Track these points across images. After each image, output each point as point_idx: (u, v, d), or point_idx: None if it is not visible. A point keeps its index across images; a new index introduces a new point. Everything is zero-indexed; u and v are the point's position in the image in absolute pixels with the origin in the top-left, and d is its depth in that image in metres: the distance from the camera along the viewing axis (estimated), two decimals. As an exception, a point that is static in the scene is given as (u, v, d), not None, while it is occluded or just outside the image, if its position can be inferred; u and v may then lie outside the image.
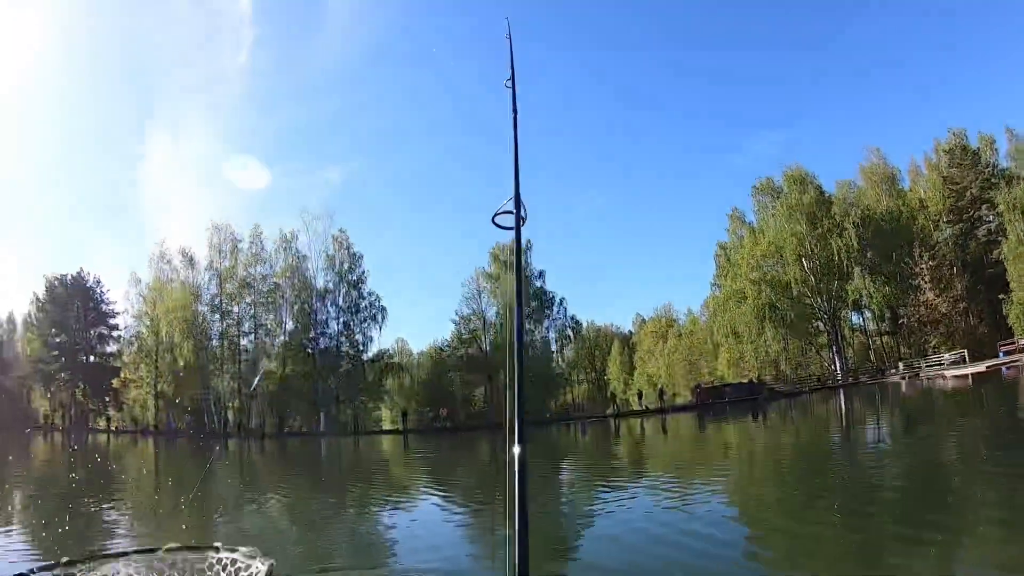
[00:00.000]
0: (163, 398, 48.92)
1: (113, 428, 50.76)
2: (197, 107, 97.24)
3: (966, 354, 34.77)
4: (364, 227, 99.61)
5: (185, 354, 47.79)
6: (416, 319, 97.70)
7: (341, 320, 47.14)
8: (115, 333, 54.24)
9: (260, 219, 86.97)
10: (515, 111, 2.13)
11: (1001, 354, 33.71)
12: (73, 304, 54.58)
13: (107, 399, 52.95)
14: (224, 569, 1.36)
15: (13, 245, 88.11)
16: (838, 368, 46.99)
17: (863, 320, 53.30)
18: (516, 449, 1.48)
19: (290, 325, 47.54)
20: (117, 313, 54.29)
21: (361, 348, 46.79)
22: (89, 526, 10.03)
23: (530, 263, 49.62)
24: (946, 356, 36.30)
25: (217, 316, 48.94)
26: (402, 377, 48.70)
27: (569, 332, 49.75)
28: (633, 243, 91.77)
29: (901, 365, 41.16)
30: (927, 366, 37.29)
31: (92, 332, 54.33)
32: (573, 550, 7.38)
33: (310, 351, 46.54)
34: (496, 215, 1.82)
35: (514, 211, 1.73)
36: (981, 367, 30.33)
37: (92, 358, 54.06)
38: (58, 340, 54.65)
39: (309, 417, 46.08)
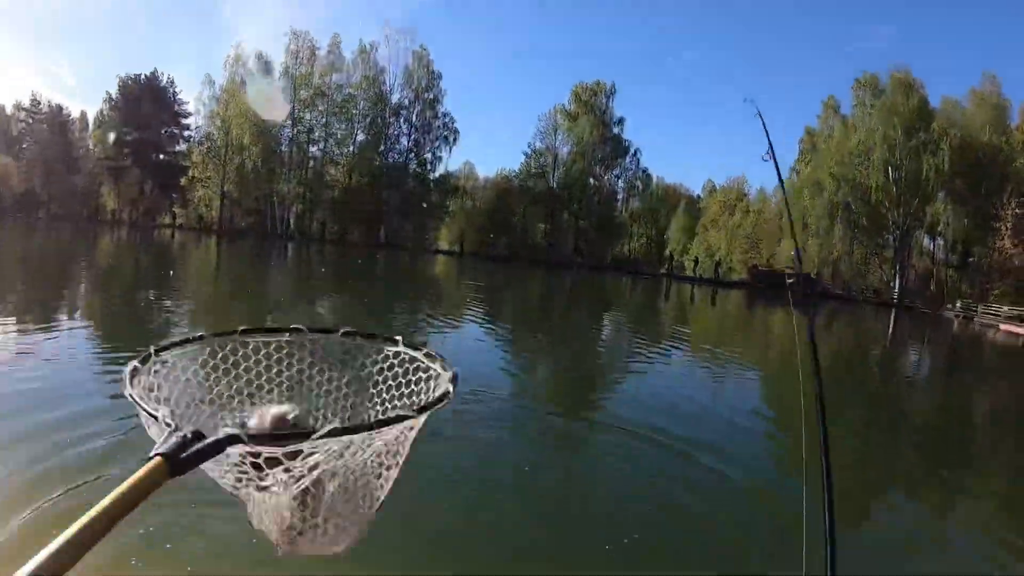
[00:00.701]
0: (228, 198, 49.67)
1: (178, 224, 52.03)
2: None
3: (1026, 313, 32.25)
4: (446, 45, 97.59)
5: (253, 157, 47.96)
6: (488, 144, 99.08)
7: (412, 137, 46.47)
8: (185, 133, 54.67)
9: (340, 29, 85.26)
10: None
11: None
12: (145, 104, 54.79)
13: (174, 197, 53.98)
14: (400, 365, 1.05)
15: (90, 45, 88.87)
16: (896, 287, 45.16)
17: (933, 246, 50.78)
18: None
19: (361, 137, 47.04)
20: (189, 114, 54.48)
21: (429, 167, 46.29)
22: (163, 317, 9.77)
23: (611, 107, 47.83)
24: (1005, 308, 33.94)
25: (288, 122, 48.55)
26: (465, 200, 48.27)
27: (638, 184, 48.49)
28: (719, 108, 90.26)
29: (959, 303, 38.98)
30: (983, 312, 35.20)
31: (163, 131, 54.77)
32: (595, 400, 7.02)
33: (378, 164, 46.13)
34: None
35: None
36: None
37: (161, 157, 54.75)
38: (129, 138, 55.27)
39: (369, 229, 46.28)
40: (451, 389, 0.91)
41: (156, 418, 0.69)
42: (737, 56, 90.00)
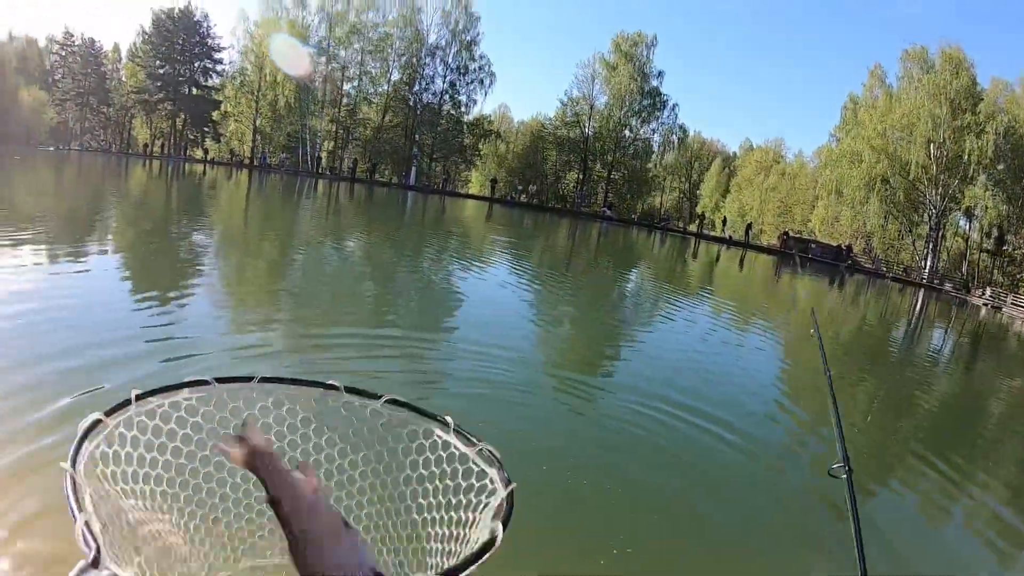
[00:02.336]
0: (260, 133, 49.57)
1: (210, 158, 52.16)
2: None
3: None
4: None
5: (286, 93, 47.64)
6: (523, 89, 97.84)
7: (447, 79, 45.86)
8: (219, 68, 54.39)
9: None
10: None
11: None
12: (178, 37, 54.53)
13: (206, 130, 54.01)
14: (445, 448, 0.86)
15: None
16: (927, 266, 44.05)
17: (968, 229, 49.50)
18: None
19: (395, 76, 46.46)
20: (223, 48, 54.17)
21: (463, 110, 45.67)
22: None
23: (651, 59, 46.70)
24: (1035, 301, 32.73)
25: (323, 59, 48.08)
26: (498, 144, 47.73)
27: (674, 138, 47.49)
28: (761, 65, 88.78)
29: (988, 290, 37.90)
30: (1013, 303, 34.09)
31: (196, 65, 54.54)
32: (611, 356, 6.75)
33: (412, 104, 45.64)
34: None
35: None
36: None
37: (194, 91, 54.62)
38: (161, 72, 55.18)
39: (400, 169, 46.03)
40: (498, 530, 0.70)
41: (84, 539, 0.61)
42: (784, 14, 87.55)
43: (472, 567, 0.63)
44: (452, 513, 0.81)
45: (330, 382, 0.86)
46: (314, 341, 5.35)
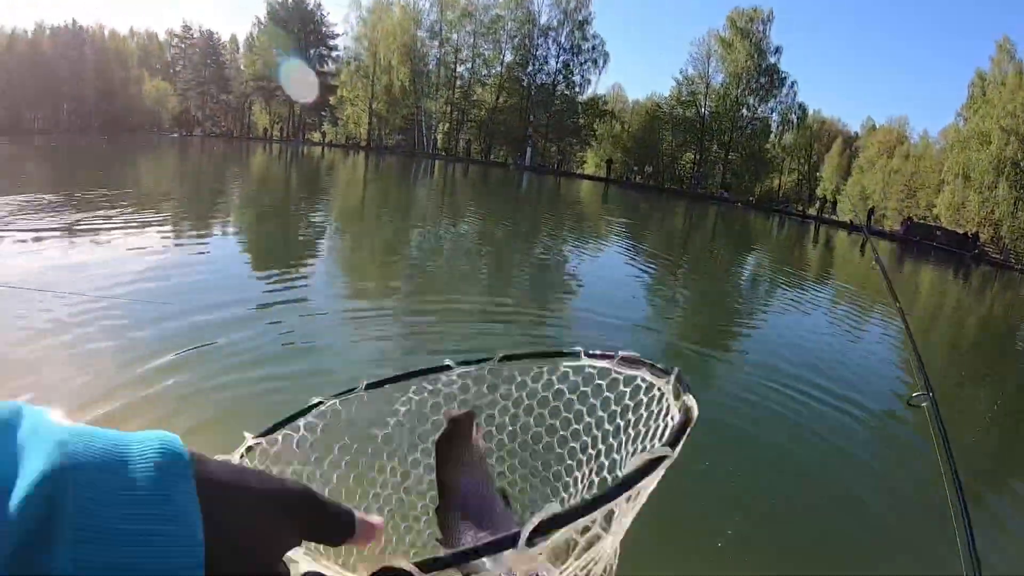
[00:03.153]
0: (376, 116, 51.43)
1: (328, 142, 54.73)
2: None
3: None
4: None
5: (401, 77, 49.14)
6: (637, 67, 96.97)
7: (561, 59, 45.97)
8: (334, 54, 56.58)
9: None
10: None
11: None
12: (294, 25, 57.13)
13: (323, 114, 56.49)
14: (604, 380, 0.78)
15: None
16: None
17: None
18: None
19: (509, 57, 46.99)
20: (337, 35, 56.30)
21: (577, 90, 45.74)
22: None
23: (768, 35, 45.19)
24: None
25: (436, 42, 49.25)
26: (613, 124, 47.63)
27: (793, 117, 45.87)
28: (885, 41, 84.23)
29: None
30: None
31: (311, 52, 56.99)
32: (719, 339, 6.69)
33: (526, 85, 46.12)
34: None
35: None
36: None
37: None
38: (279, 60, 58.03)
39: (515, 150, 46.70)
40: (689, 401, 0.65)
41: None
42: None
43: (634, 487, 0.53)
44: (623, 422, 0.76)
45: (489, 357, 0.86)
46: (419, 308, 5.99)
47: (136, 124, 62.52)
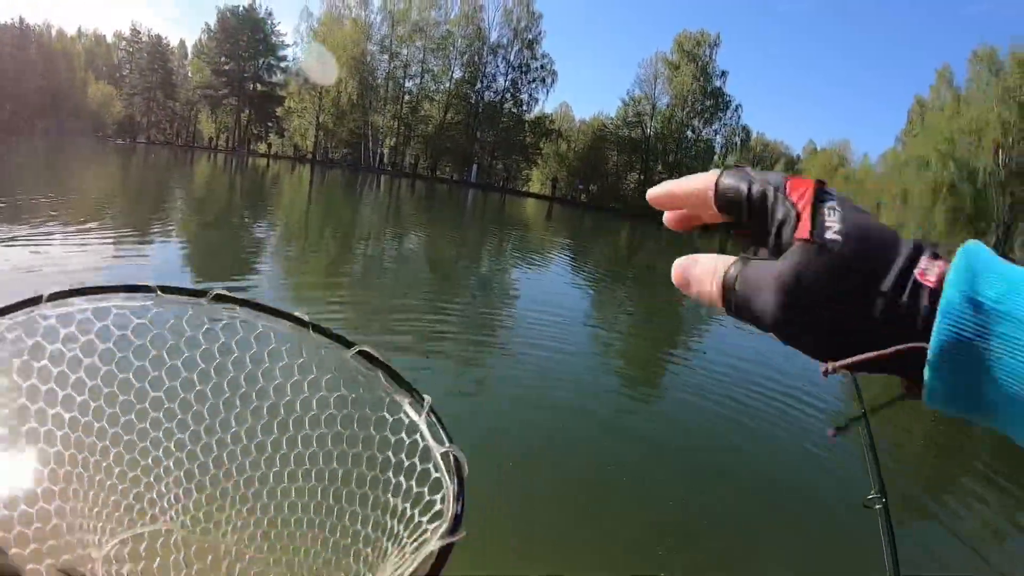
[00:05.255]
0: (323, 129, 50.57)
1: (273, 153, 53.55)
2: None
3: None
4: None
5: (349, 90, 48.46)
6: (584, 87, 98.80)
7: (509, 77, 45.99)
8: (283, 64, 55.56)
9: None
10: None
11: None
12: (243, 34, 55.94)
13: (270, 126, 55.34)
14: (409, 433, 0.61)
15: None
16: None
17: None
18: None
19: (458, 74, 46.78)
20: (287, 45, 55.37)
21: (525, 108, 45.78)
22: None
23: (714, 59, 46.02)
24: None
25: (385, 57, 48.75)
26: (559, 144, 47.71)
27: (737, 140, 46.70)
28: (828, 66, 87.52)
29: None
30: None
31: (260, 62, 55.86)
32: (653, 358, 6.79)
33: (473, 102, 45.93)
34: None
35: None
36: None
37: (258, 87, 55.97)
38: (227, 68, 56.70)
39: (461, 166, 46.39)
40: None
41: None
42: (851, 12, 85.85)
43: None
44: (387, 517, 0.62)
45: (298, 314, 0.62)
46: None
47: (77, 129, 60.25)
